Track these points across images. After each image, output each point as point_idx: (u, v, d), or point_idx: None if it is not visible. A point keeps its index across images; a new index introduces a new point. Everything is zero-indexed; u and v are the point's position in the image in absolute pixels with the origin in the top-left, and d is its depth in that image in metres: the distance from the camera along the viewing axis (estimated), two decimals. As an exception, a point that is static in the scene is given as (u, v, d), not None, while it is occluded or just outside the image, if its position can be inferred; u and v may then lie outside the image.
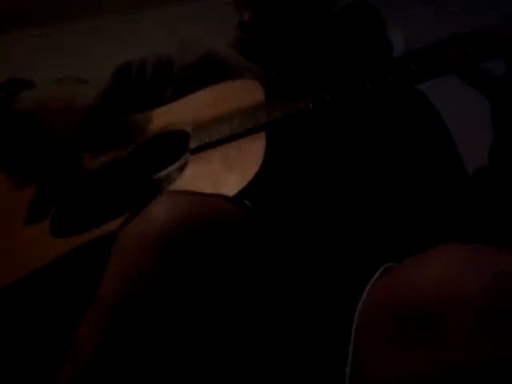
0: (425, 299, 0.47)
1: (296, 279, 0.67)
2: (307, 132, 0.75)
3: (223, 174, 0.65)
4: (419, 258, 0.53)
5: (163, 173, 0.71)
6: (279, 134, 0.69)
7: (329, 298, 0.64)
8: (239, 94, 0.76)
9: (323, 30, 0.88)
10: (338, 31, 0.88)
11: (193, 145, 0.71)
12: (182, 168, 0.69)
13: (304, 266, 0.68)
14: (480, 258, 0.48)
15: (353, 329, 0.54)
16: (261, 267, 0.57)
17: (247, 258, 0.54)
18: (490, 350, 0.43)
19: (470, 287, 0.45)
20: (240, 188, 0.61)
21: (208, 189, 0.63)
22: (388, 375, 0.48)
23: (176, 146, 0.74)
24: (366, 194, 0.80)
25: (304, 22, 0.86)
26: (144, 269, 0.49)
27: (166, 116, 0.81)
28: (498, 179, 0.72)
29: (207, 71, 0.85)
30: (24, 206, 0.76)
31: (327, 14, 0.89)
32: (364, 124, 0.80)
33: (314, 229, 0.73)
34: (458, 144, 0.84)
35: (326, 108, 0.67)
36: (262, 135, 0.67)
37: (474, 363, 0.43)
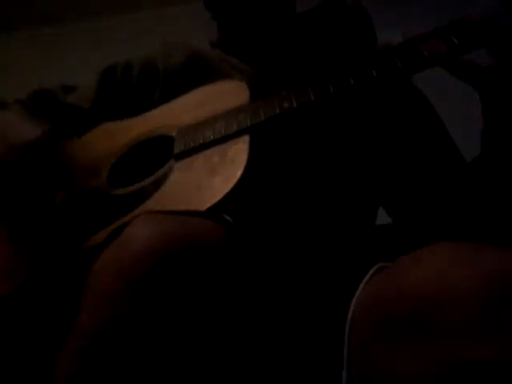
0: (418, 298, 0.47)
1: (287, 281, 0.67)
2: (293, 133, 0.75)
3: (206, 179, 0.64)
4: (412, 256, 0.53)
5: (148, 180, 0.70)
6: (265, 136, 0.69)
7: (322, 298, 0.64)
8: (225, 95, 0.75)
9: (303, 23, 0.88)
10: (318, 25, 0.88)
11: (177, 150, 0.71)
12: (168, 174, 0.69)
13: (295, 267, 0.68)
14: (474, 257, 0.48)
15: (346, 330, 0.53)
16: (246, 280, 0.56)
17: (231, 274, 0.53)
18: (479, 350, 0.43)
19: (462, 287, 0.45)
20: (224, 193, 0.60)
21: (191, 196, 0.63)
22: (383, 376, 0.48)
23: (161, 152, 0.74)
24: (360, 192, 0.80)
25: (272, 13, 0.85)
26: (119, 297, 0.48)
27: (152, 121, 0.80)
28: (491, 169, 0.72)
29: (194, 73, 0.85)
30: (6, 224, 0.75)
31: (308, 10, 0.89)
32: (354, 122, 0.79)
33: (305, 230, 0.73)
34: (455, 136, 0.84)
35: (311, 107, 0.66)
36: (246, 138, 0.67)
37: (464, 363, 0.43)
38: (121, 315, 0.47)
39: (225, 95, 0.75)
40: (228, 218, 0.58)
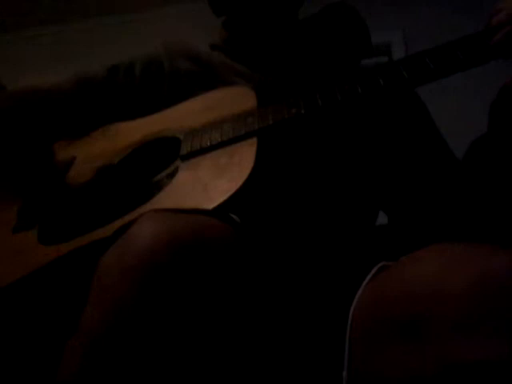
0: (415, 299, 0.48)
1: (291, 280, 0.67)
2: (299, 138, 0.75)
3: (213, 180, 0.65)
4: (411, 257, 0.53)
5: (154, 179, 0.70)
6: (271, 140, 0.69)
7: (324, 297, 0.64)
8: (232, 100, 0.75)
9: (302, 30, 0.88)
10: (317, 32, 0.88)
11: (184, 151, 0.71)
12: (173, 174, 0.69)
13: (299, 266, 0.68)
14: (470, 257, 0.48)
15: (347, 330, 0.54)
16: (251, 278, 0.56)
17: (236, 272, 0.53)
18: (475, 350, 0.43)
19: (457, 286, 0.46)
20: (229, 194, 0.61)
21: (197, 195, 0.63)
22: (382, 376, 0.48)
23: (168, 153, 0.74)
24: (361, 194, 0.80)
25: (276, 20, 0.86)
26: (125, 295, 0.48)
27: (159, 122, 0.80)
28: (489, 168, 0.72)
29: (200, 77, 0.85)
30: (13, 215, 0.77)
31: (307, 17, 0.89)
32: (355, 127, 0.80)
33: (308, 230, 0.73)
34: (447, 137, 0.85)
35: (318, 114, 0.67)
36: (254, 141, 0.67)
37: (460, 363, 0.43)
38: (126, 313, 0.47)
39: (233, 100, 0.76)
40: (235, 217, 0.58)
